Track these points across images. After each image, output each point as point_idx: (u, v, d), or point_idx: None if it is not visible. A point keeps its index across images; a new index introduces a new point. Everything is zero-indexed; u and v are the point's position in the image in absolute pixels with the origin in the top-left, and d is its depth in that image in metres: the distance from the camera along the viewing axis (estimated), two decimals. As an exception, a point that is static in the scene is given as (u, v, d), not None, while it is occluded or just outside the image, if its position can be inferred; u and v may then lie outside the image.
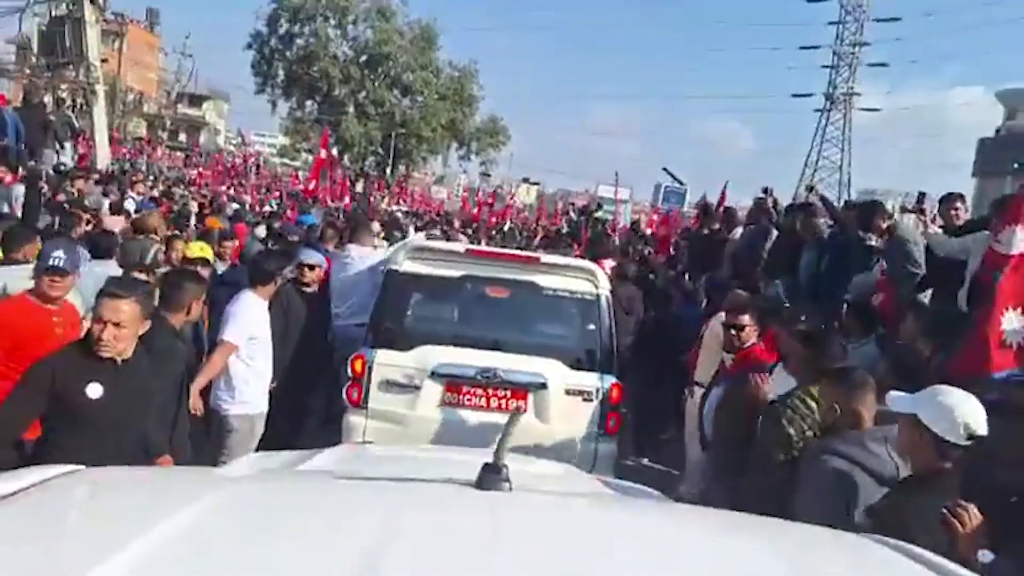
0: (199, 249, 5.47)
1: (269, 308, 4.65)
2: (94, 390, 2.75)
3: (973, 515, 2.08)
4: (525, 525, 1.28)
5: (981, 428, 2.36)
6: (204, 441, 4.27)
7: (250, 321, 4.37)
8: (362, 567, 0.97)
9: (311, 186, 14.37)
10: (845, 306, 5.71)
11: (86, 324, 3.55)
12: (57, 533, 1.16)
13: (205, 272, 5.15)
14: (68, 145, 12.75)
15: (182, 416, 3.66)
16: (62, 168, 11.09)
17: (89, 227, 7.11)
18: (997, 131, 43.15)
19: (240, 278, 5.09)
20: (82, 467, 1.47)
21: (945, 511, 2.11)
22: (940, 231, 5.73)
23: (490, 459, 1.44)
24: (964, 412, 2.40)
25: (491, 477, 1.41)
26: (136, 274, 4.64)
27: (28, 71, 14.35)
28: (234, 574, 0.98)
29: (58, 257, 3.48)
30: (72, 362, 2.81)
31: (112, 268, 5.17)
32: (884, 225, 5.49)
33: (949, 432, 2.39)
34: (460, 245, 6.11)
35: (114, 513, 1.29)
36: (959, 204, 5.82)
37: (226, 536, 1.12)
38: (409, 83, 42.45)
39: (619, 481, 2.93)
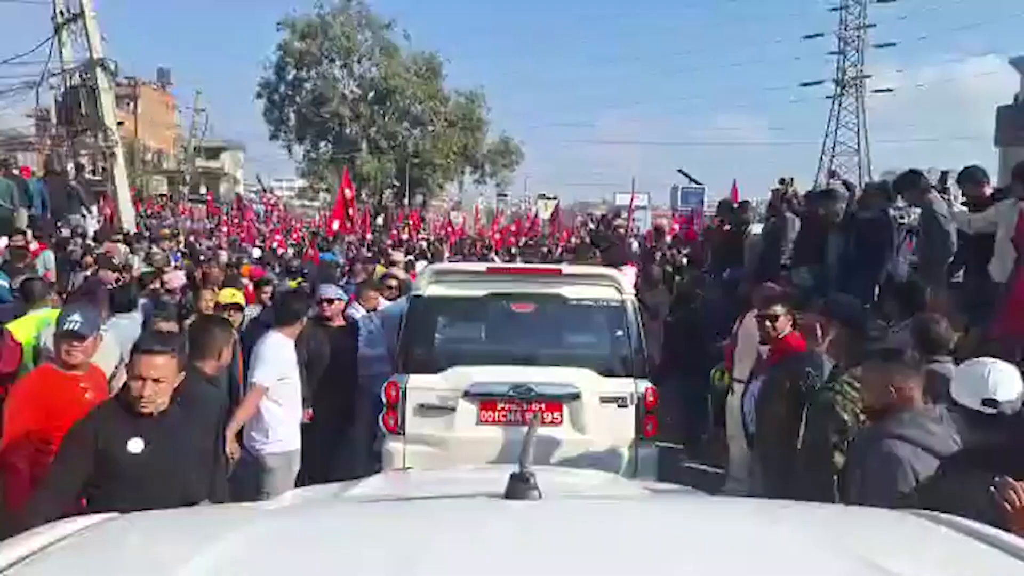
0: (230, 295, 5.55)
1: (296, 346, 4.70)
2: (136, 445, 2.79)
3: (1022, 494, 1.99)
4: (554, 533, 1.26)
5: (999, 393, 2.29)
6: (243, 485, 4.30)
7: (279, 361, 4.42)
8: None
9: (335, 226, 14.47)
10: (876, 288, 5.62)
11: (120, 374, 3.63)
12: (102, 568, 1.19)
13: (237, 317, 5.23)
14: (93, 209, 13.11)
15: (220, 462, 3.68)
16: (84, 231, 11.44)
17: (118, 284, 7.37)
18: (1016, 98, 42.28)
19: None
20: (120, 515, 1.48)
21: (994, 490, 2.03)
22: (964, 209, 5.60)
23: (516, 469, 1.43)
24: (979, 378, 2.36)
25: (519, 487, 1.40)
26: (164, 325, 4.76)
27: (49, 141, 14.83)
28: None
29: (74, 321, 3.40)
30: (112, 419, 2.85)
31: (135, 320, 5.29)
32: (927, 196, 5.36)
33: (968, 400, 2.35)
34: (481, 264, 6.15)
35: (157, 548, 1.32)
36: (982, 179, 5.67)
37: (265, 557, 1.16)
38: (418, 114, 43.03)
39: (661, 484, 2.89)
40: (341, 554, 1.16)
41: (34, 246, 9.16)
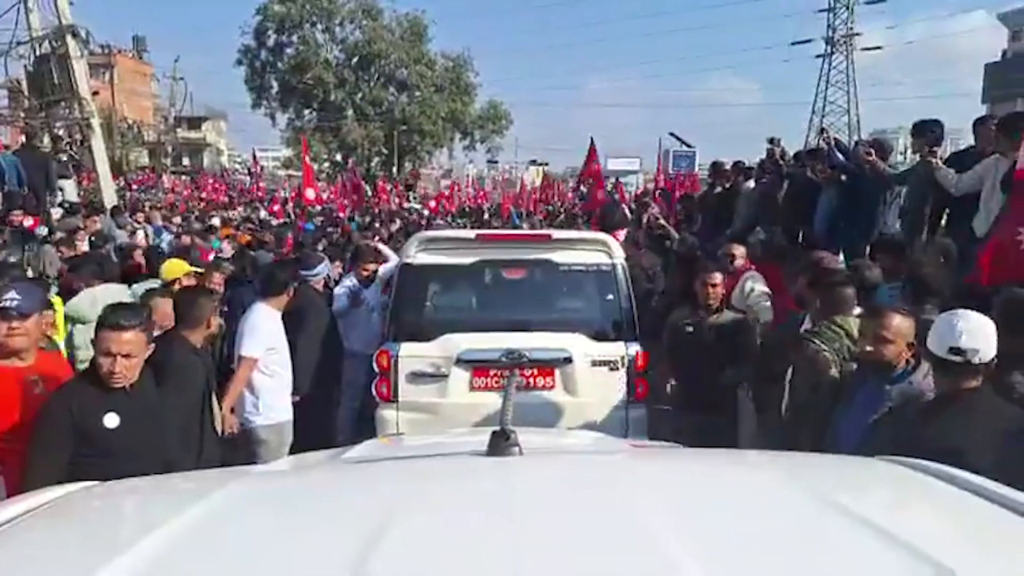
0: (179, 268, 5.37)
1: (291, 312, 4.70)
2: (111, 420, 2.74)
3: None
4: (532, 486, 1.28)
5: (963, 341, 2.36)
6: (235, 458, 4.29)
7: (267, 333, 4.39)
8: (371, 532, 0.98)
9: (310, 195, 14.36)
10: (868, 247, 5.62)
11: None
12: (82, 532, 1.20)
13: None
14: (70, 183, 12.81)
15: (208, 432, 3.65)
16: (63, 206, 11.20)
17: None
18: (1003, 54, 42.22)
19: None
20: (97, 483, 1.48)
21: None
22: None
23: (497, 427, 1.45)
24: (948, 327, 2.43)
25: (500, 443, 1.42)
26: None
27: (22, 114, 14.41)
28: (254, 548, 1.03)
29: (10, 299, 2.84)
30: (85, 394, 2.77)
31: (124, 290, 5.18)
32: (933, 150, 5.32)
33: (936, 348, 2.44)
34: (470, 232, 6.10)
35: (137, 511, 1.35)
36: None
37: (245, 516, 1.18)
38: (404, 79, 42.36)
39: (645, 442, 2.94)
40: (322, 510, 1.18)
41: (28, 222, 9.00)
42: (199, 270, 5.50)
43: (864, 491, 1.34)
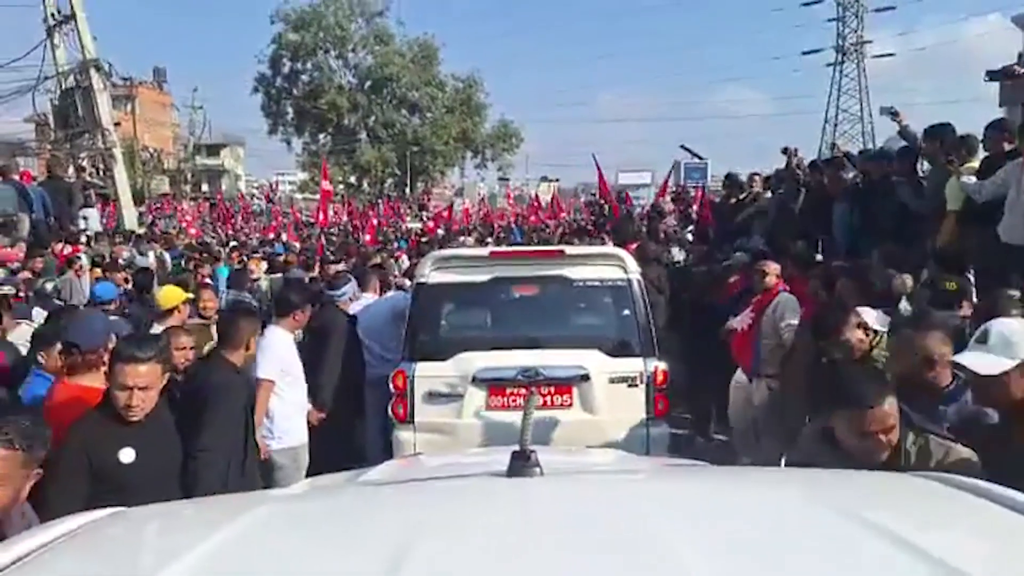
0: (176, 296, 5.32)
1: (314, 332, 4.66)
2: (127, 455, 2.69)
3: None
4: (553, 507, 1.26)
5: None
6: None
7: (278, 356, 4.38)
8: (393, 554, 0.97)
9: (320, 219, 14.62)
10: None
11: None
12: (108, 559, 1.19)
13: (185, 312, 5.15)
14: (94, 212, 13.07)
15: (251, 455, 3.55)
16: (87, 235, 11.44)
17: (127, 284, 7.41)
18: (1019, 57, 41.77)
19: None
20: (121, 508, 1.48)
21: None
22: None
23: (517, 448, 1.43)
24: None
25: (520, 465, 1.40)
26: None
27: (48, 146, 14.77)
28: (279, 572, 1.03)
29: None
30: (99, 430, 2.72)
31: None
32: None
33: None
34: (484, 249, 6.10)
35: (162, 534, 1.34)
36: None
37: (270, 540, 1.17)
38: (416, 101, 42.87)
39: (670, 459, 2.89)
40: (345, 533, 1.18)
41: (67, 250, 9.19)
42: (191, 296, 5.45)
43: (901, 509, 1.30)
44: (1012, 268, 4.22)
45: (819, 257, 6.37)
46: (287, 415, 4.37)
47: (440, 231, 17.28)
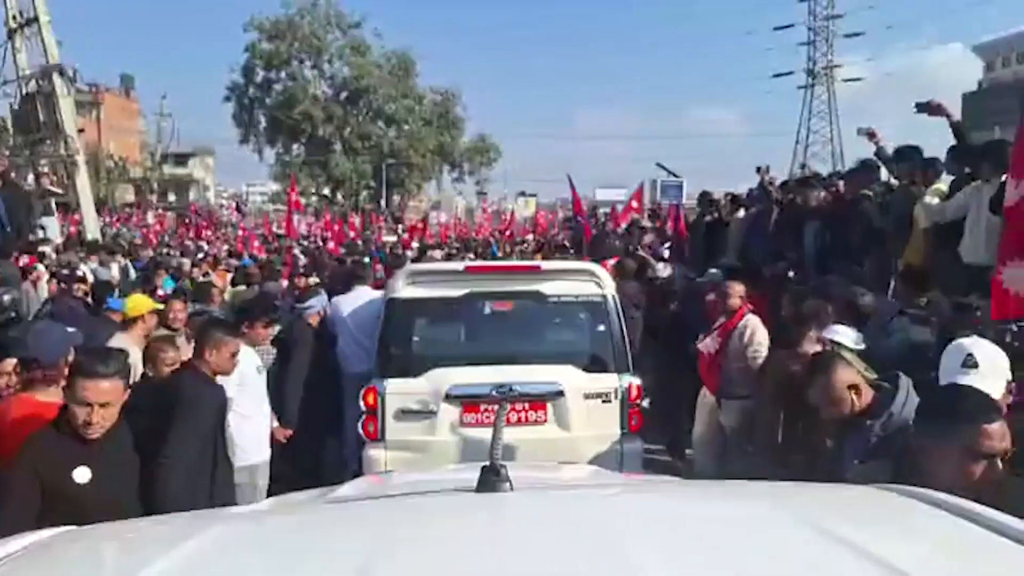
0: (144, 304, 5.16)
1: (281, 346, 4.56)
2: (82, 475, 2.56)
3: None
4: (523, 522, 1.25)
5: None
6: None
7: (238, 370, 4.21)
8: (358, 571, 0.95)
9: (289, 230, 14.55)
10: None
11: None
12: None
13: (151, 321, 4.97)
14: (52, 220, 12.71)
15: (221, 466, 3.45)
16: (54, 245, 11.15)
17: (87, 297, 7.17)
18: (979, 84, 43.32)
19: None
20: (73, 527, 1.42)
21: None
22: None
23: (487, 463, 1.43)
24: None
25: (490, 479, 1.39)
26: None
27: (7, 152, 14.36)
28: None
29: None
30: (54, 447, 2.58)
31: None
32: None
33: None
34: (458, 264, 6.04)
35: (119, 553, 1.30)
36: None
37: (232, 558, 1.15)
38: (392, 113, 42.74)
39: (640, 475, 2.88)
40: (310, 550, 1.15)
41: (24, 260, 8.92)
42: (159, 306, 5.32)
43: (860, 519, 1.32)
44: (973, 287, 4.28)
45: (791, 274, 6.44)
46: (241, 430, 4.16)
47: (415, 244, 17.20)
